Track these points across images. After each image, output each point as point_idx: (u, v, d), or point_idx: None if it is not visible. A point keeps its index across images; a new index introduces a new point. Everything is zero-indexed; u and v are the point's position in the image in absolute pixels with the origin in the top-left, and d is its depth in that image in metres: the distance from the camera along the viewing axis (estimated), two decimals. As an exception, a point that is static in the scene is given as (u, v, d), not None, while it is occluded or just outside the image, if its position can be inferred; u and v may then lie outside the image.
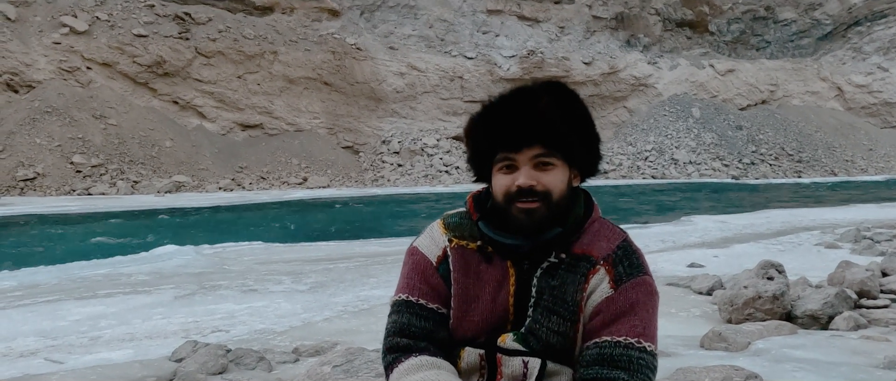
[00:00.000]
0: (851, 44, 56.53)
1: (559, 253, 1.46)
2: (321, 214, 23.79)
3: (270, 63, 37.50)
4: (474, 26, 45.03)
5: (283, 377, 4.85)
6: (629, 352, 1.39)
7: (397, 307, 1.55)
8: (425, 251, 1.56)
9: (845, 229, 15.05)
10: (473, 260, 1.51)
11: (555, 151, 1.43)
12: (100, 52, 33.47)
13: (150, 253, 13.56)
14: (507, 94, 1.48)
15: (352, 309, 8.06)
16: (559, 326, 1.44)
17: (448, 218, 1.60)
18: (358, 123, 39.16)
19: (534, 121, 1.41)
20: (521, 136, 1.41)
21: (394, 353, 1.51)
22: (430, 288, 1.52)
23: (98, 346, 6.59)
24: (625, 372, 1.38)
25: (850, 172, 46.85)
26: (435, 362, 1.46)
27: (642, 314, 1.43)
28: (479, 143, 1.49)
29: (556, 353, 1.44)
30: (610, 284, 1.44)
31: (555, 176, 1.43)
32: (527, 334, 1.45)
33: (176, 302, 8.79)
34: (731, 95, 50.16)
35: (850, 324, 5.66)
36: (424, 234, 1.60)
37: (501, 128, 1.43)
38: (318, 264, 12.11)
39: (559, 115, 1.42)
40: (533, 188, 1.41)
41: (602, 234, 1.50)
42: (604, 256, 1.46)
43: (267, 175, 33.90)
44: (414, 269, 1.55)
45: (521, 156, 1.42)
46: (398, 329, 1.52)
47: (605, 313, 1.43)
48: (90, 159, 29.86)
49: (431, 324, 1.51)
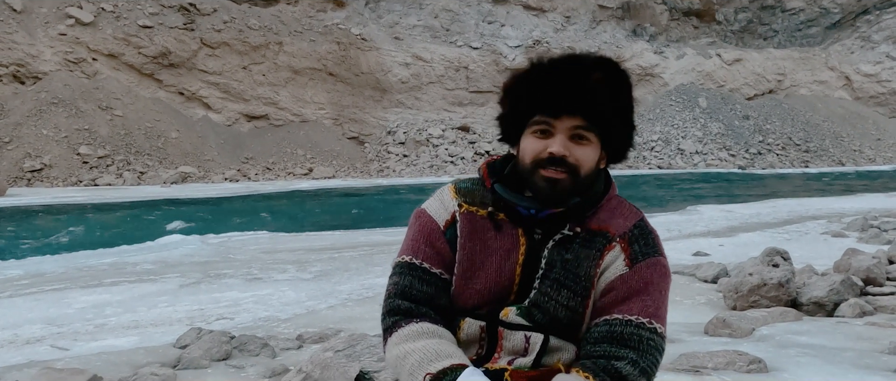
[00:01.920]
0: (860, 33, 56.07)
1: (574, 226, 1.42)
2: (326, 203, 23.82)
3: (275, 54, 37.49)
4: (480, 16, 44.87)
5: (286, 362, 4.86)
6: (639, 331, 1.36)
7: (400, 269, 1.50)
8: (433, 214, 1.51)
9: (852, 218, 14.96)
10: (482, 227, 1.46)
11: (594, 126, 1.38)
12: (105, 43, 33.52)
13: (155, 243, 13.62)
14: (559, 57, 1.41)
15: (356, 297, 8.07)
16: (569, 300, 1.40)
17: (460, 183, 1.55)
18: (363, 114, 39.16)
19: (582, 91, 1.35)
20: (565, 103, 1.36)
21: (394, 316, 1.46)
22: (435, 252, 1.48)
23: (103, 333, 6.62)
24: (633, 351, 1.35)
25: (858, 161, 46.59)
26: (436, 330, 1.42)
27: (655, 295, 1.40)
28: (518, 101, 1.42)
29: (562, 328, 1.41)
30: (625, 261, 1.41)
31: (588, 152, 1.39)
32: (531, 307, 1.41)
33: (181, 290, 8.82)
34: (738, 84, 49.88)
35: (855, 311, 5.63)
36: (433, 197, 1.55)
37: (547, 91, 1.37)
38: (323, 253, 12.14)
39: (608, 93, 1.37)
40: (564, 158, 1.37)
41: (619, 211, 1.48)
42: (620, 233, 1.43)
43: (272, 166, 33.97)
44: (419, 231, 1.51)
45: (560, 123, 1.37)
46: (399, 291, 1.47)
47: (618, 290, 1.40)
48: (97, 150, 29.97)
49: (433, 289, 1.46)
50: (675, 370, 3.53)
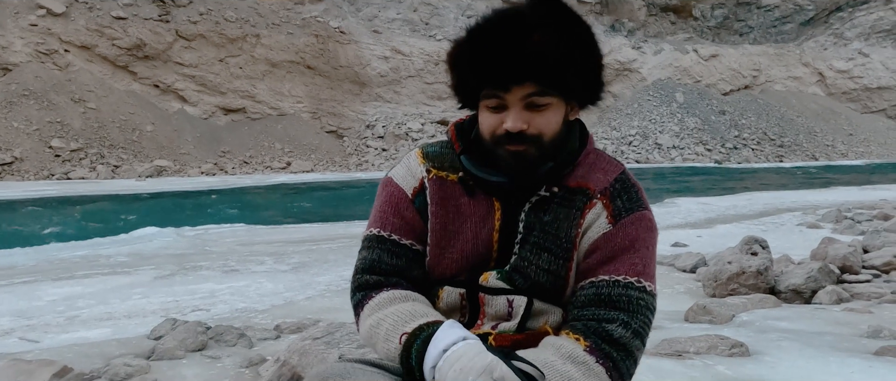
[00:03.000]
0: (833, 29, 56.96)
1: (551, 187, 1.34)
2: (305, 197, 23.62)
3: (253, 46, 37.07)
4: (459, 10, 44.78)
5: (263, 352, 4.77)
6: (628, 292, 1.28)
7: (368, 243, 1.41)
8: (400, 182, 1.42)
9: (826, 210, 15.16)
10: (454, 193, 1.38)
11: (549, 89, 1.26)
12: (78, 34, 32.89)
13: (129, 235, 13.38)
14: (492, 20, 1.28)
15: (334, 288, 7.98)
16: (550, 264, 1.32)
17: (427, 147, 1.46)
18: (342, 108, 38.90)
19: (524, 58, 1.22)
20: (511, 73, 1.24)
21: (362, 291, 1.38)
22: (404, 223, 1.39)
23: (75, 325, 6.47)
24: (624, 313, 1.27)
25: (831, 156, 47.34)
26: (408, 294, 1.35)
27: (642, 252, 1.32)
28: (463, 75, 1.33)
29: (545, 292, 1.33)
30: (608, 219, 1.33)
31: (548, 117, 1.28)
32: (512, 272, 1.33)
33: (155, 282, 8.67)
34: (714, 80, 50.40)
35: (833, 298, 5.67)
36: (400, 164, 1.47)
37: (487, 63, 1.25)
38: (302, 245, 12.01)
39: (555, 48, 1.23)
40: (523, 132, 1.26)
41: (598, 166, 1.38)
42: (601, 189, 1.35)
43: (250, 160, 33.61)
44: (387, 201, 1.42)
45: (511, 95, 1.26)
46: (368, 266, 1.39)
47: (603, 250, 1.31)
48: (69, 143, 29.42)
49: (404, 261, 1.38)
50: (658, 354, 3.51)
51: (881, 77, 54.76)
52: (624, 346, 1.25)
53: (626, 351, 1.25)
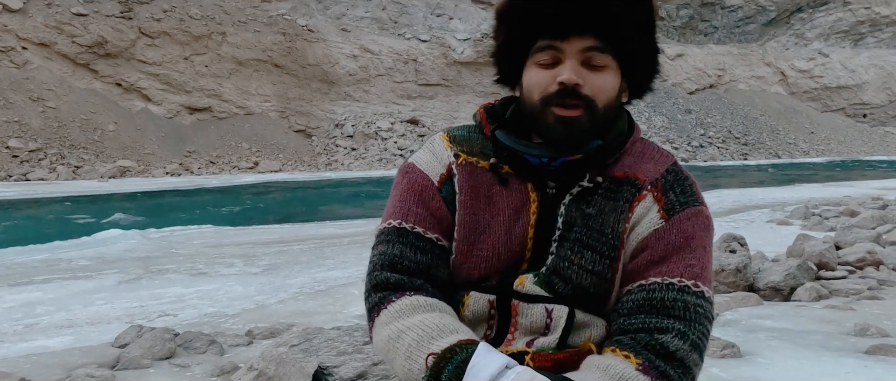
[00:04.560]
0: (794, 30, 58.23)
1: (595, 176, 1.17)
2: (274, 197, 23.24)
3: (218, 44, 36.41)
4: (428, 9, 44.60)
5: (235, 359, 4.57)
6: (684, 297, 1.10)
7: (386, 236, 1.22)
8: (424, 168, 1.24)
9: (794, 207, 15.39)
10: (485, 181, 1.21)
11: (611, 48, 1.13)
12: (36, 31, 31.91)
13: (92, 238, 12.94)
14: None
15: (308, 291, 7.78)
16: (594, 264, 1.14)
17: (453, 131, 1.29)
18: (310, 107, 38.44)
19: (590, 3, 1.10)
20: (573, 20, 1.11)
21: (381, 291, 1.18)
22: (430, 213, 1.21)
23: (33, 333, 6.17)
24: (679, 321, 1.09)
25: (793, 154, 48.38)
26: (435, 303, 1.15)
27: (699, 252, 1.15)
28: (513, 26, 1.17)
29: (588, 299, 1.15)
30: (660, 213, 1.16)
31: (606, 80, 1.14)
32: (550, 274, 1.15)
33: (120, 287, 8.36)
34: (680, 79, 51.10)
35: (812, 295, 5.67)
36: (423, 148, 1.29)
37: (548, 7, 1.12)
38: (272, 246, 11.75)
39: (624, 2, 1.12)
40: (577, 89, 1.11)
41: (647, 155, 1.22)
42: (652, 180, 1.18)
43: (216, 160, 33.00)
44: (409, 190, 1.23)
45: (569, 46, 1.12)
46: (388, 262, 1.19)
47: (654, 248, 1.14)
48: (28, 143, 28.54)
49: (430, 257, 1.19)
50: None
51: (840, 76, 56.18)
52: (681, 361, 1.07)
53: (683, 367, 1.08)
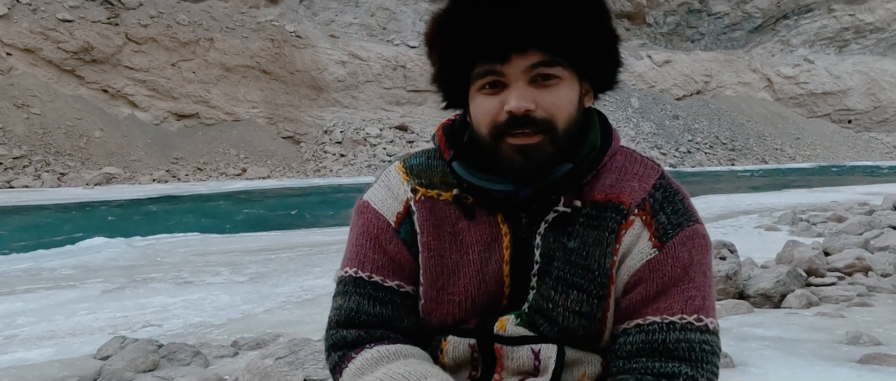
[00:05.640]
0: (780, 36, 58.77)
1: (572, 200, 1.02)
2: (262, 204, 23.08)
3: (206, 50, 36.24)
4: (416, 15, 44.62)
5: (220, 372, 4.48)
6: (688, 336, 0.99)
7: (343, 286, 1.11)
8: (379, 207, 1.11)
9: (782, 213, 15.43)
10: (449, 216, 1.07)
11: (560, 57, 0.98)
12: (21, 37, 31.62)
13: (75, 246, 12.76)
14: None
15: (295, 300, 7.69)
16: (581, 304, 1.02)
17: (410, 159, 1.14)
18: (299, 113, 38.30)
19: (526, 17, 0.95)
20: (510, 39, 0.95)
21: (339, 350, 1.08)
22: (389, 259, 1.09)
23: (14, 345, 6.04)
24: (686, 364, 0.98)
25: (780, 159, 48.76)
26: (397, 350, 1.04)
27: (698, 280, 1.02)
28: (447, 52, 1.02)
29: (577, 339, 1.04)
30: (652, 241, 1.02)
31: (560, 94, 0.99)
32: (533, 313, 1.03)
33: (103, 297, 8.23)
34: (668, 85, 51.41)
35: (802, 302, 5.65)
36: (378, 182, 1.14)
37: (480, 28, 0.96)
38: (259, 254, 11.63)
39: (562, 3, 0.97)
40: (530, 114, 0.97)
41: (630, 170, 1.07)
42: (638, 202, 1.04)
43: (204, 166, 32.78)
44: (364, 233, 1.11)
45: (511, 68, 0.97)
46: (344, 318, 1.09)
47: (649, 282, 1.01)
48: (12, 151, 28.22)
49: (390, 309, 1.08)
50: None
51: (825, 83, 56.74)
52: None
53: None
